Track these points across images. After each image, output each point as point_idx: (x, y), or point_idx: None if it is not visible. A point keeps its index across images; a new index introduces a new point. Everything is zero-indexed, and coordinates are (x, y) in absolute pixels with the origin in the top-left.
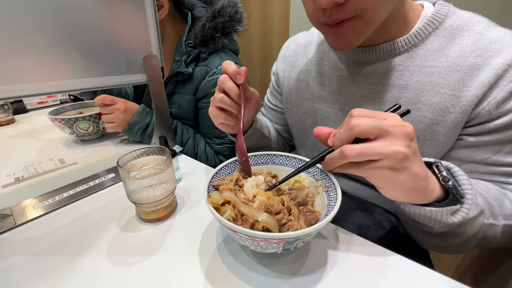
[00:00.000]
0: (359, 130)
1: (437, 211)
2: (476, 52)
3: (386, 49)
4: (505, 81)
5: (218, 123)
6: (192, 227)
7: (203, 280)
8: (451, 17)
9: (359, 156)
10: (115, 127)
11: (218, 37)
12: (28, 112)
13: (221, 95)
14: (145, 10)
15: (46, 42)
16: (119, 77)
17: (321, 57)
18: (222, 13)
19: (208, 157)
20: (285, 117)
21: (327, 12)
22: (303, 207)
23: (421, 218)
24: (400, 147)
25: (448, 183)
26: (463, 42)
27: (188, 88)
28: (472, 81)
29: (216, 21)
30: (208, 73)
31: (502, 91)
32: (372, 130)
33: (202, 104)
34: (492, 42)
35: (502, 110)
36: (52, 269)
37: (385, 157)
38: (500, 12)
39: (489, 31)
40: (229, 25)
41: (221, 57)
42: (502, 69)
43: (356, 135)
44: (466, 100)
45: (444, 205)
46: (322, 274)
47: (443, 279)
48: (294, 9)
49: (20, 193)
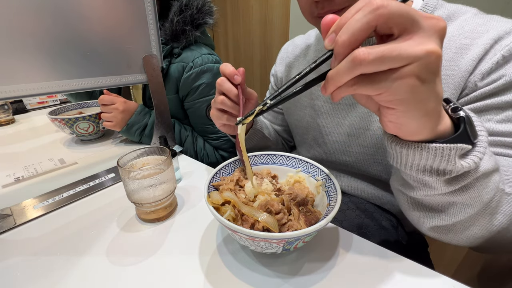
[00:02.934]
0: (386, 13)
1: (444, 148)
2: (463, 35)
3: None
4: (490, 54)
5: (220, 125)
6: (192, 227)
7: (203, 280)
8: (439, 9)
9: (380, 60)
10: (112, 126)
11: (189, 29)
12: (28, 112)
13: (222, 97)
14: (145, 10)
15: (46, 42)
16: (119, 77)
17: (317, 56)
18: (189, 6)
19: (208, 153)
20: (284, 118)
21: (319, 4)
22: (303, 207)
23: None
24: (434, 46)
25: (458, 113)
26: (450, 28)
27: (168, 88)
28: (462, 58)
29: (184, 15)
30: (185, 68)
31: (488, 63)
32: (401, 18)
33: (188, 104)
34: (478, 25)
35: (487, 80)
36: (52, 269)
37: (413, 61)
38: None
39: (475, 18)
40: (198, 17)
41: (193, 50)
42: (490, 44)
43: (381, 20)
44: (458, 76)
45: (452, 141)
46: (322, 274)
47: (443, 279)
48: (294, 10)
49: (20, 193)
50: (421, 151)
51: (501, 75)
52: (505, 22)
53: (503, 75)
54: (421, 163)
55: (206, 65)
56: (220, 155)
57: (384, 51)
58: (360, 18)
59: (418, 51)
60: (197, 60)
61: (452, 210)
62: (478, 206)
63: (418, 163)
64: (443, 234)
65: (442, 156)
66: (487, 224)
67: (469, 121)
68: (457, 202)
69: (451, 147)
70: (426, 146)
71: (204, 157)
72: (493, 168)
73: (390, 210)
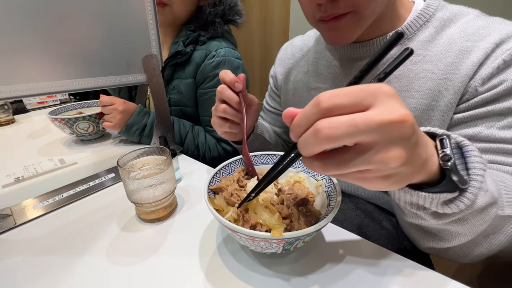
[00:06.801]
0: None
1: (426, 196)
2: (465, 38)
3: (379, 43)
4: (491, 59)
5: (222, 133)
6: (192, 227)
7: (203, 280)
8: (441, 10)
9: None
10: (112, 127)
11: (218, 22)
12: (28, 112)
13: (224, 106)
14: (145, 10)
15: (46, 42)
16: (119, 77)
17: (317, 58)
18: (223, 1)
19: (210, 147)
20: None
21: (322, 7)
22: (303, 207)
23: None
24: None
25: (447, 163)
26: (452, 31)
27: (187, 71)
28: (463, 63)
29: (216, 8)
30: (207, 55)
31: (488, 67)
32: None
33: (201, 91)
34: (480, 28)
35: (488, 85)
36: (52, 269)
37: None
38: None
39: (477, 20)
40: (229, 13)
41: (219, 42)
42: (491, 48)
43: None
44: (458, 80)
45: (436, 190)
46: (322, 274)
47: (443, 279)
48: (294, 10)
49: (20, 193)
50: (405, 194)
51: (502, 80)
52: (508, 25)
53: (504, 81)
54: (407, 200)
55: (228, 58)
56: (223, 148)
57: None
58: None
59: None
60: (221, 51)
61: (447, 236)
62: (473, 235)
63: (405, 199)
64: (441, 253)
65: (425, 201)
66: (487, 245)
67: (456, 170)
68: (451, 230)
69: (433, 197)
70: (408, 191)
71: (206, 151)
72: (490, 202)
73: (390, 210)
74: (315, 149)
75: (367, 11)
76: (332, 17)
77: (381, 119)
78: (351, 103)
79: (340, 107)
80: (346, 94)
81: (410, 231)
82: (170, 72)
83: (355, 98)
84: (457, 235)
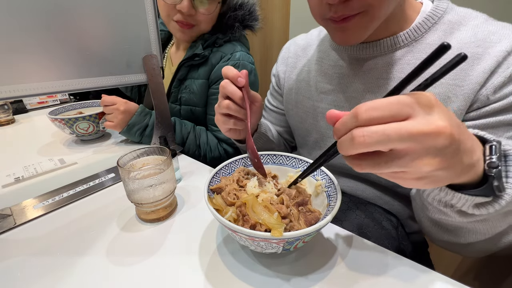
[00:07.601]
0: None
1: (461, 197)
2: (475, 43)
3: (387, 44)
4: (503, 67)
5: (226, 130)
6: (192, 227)
7: (203, 280)
8: (449, 13)
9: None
10: (113, 127)
11: (237, 27)
12: (28, 112)
13: (227, 102)
14: (145, 10)
15: (46, 42)
16: (119, 77)
17: (321, 57)
18: (243, 7)
19: (211, 147)
20: (286, 119)
21: (333, 8)
22: (303, 207)
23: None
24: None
25: (492, 170)
26: (462, 35)
27: (202, 72)
28: (473, 69)
29: (237, 13)
30: (222, 57)
31: (500, 76)
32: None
33: (213, 90)
34: (491, 33)
35: (499, 94)
36: (52, 269)
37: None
38: (500, 14)
39: (487, 24)
40: (248, 18)
41: (235, 45)
42: (502, 56)
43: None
44: (468, 87)
45: (471, 193)
46: (322, 274)
47: (443, 279)
48: (294, 11)
49: (20, 193)
50: (439, 192)
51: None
52: None
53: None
54: (438, 197)
55: (242, 61)
56: (224, 149)
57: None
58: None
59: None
60: (236, 54)
61: (463, 233)
62: (491, 234)
63: (434, 196)
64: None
65: (459, 201)
66: (496, 241)
67: (500, 177)
68: (469, 228)
69: (468, 198)
70: (444, 190)
71: (207, 151)
72: None
73: (390, 210)
74: (350, 152)
75: (379, 12)
76: (343, 17)
77: (414, 130)
78: (388, 115)
79: (377, 119)
80: (383, 107)
81: (427, 225)
82: (184, 72)
83: (392, 111)
84: (474, 233)
